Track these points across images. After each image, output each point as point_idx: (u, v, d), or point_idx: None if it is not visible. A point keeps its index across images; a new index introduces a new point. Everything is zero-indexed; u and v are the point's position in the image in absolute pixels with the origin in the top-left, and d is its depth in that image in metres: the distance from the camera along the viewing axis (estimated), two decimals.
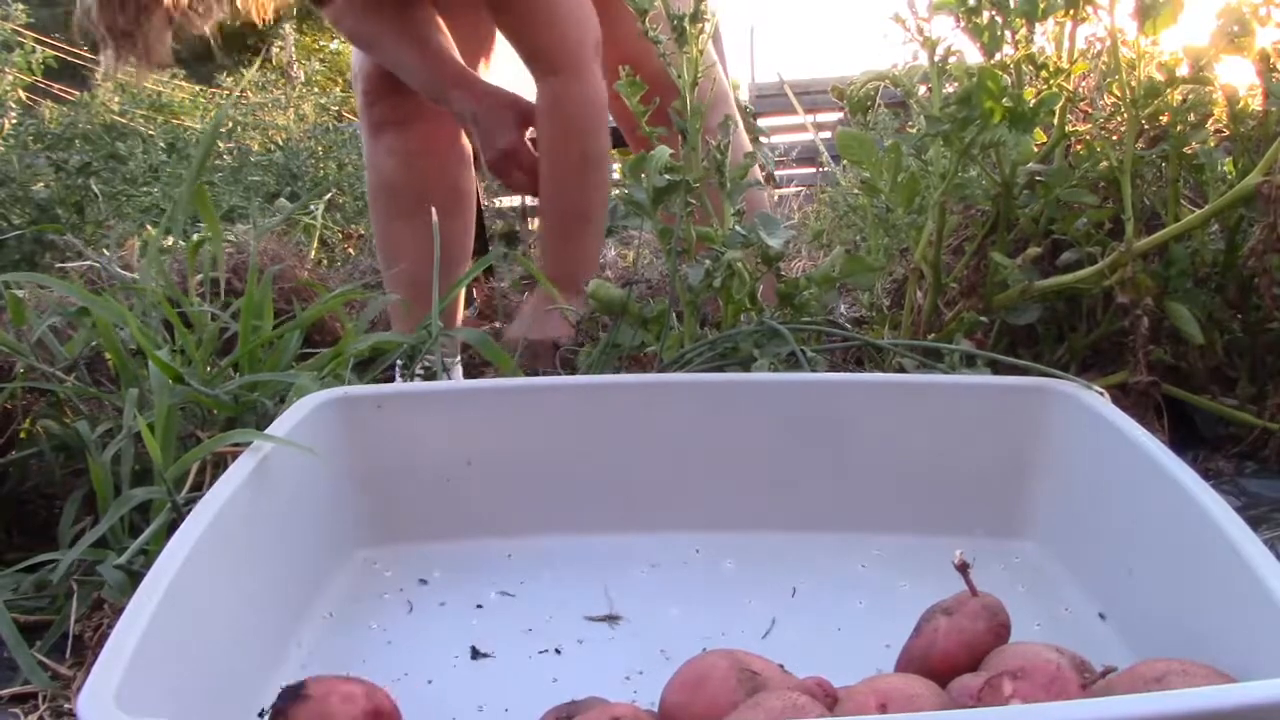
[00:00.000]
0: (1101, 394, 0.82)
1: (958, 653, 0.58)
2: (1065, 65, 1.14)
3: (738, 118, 1.62)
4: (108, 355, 0.98)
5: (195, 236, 1.25)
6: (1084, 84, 1.22)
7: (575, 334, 1.35)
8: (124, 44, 1.27)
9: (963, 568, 0.60)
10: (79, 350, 1.02)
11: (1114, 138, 1.16)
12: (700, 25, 1.13)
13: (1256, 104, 1.14)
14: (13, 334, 1.02)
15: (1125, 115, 1.13)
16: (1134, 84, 1.10)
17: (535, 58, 1.47)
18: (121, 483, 0.87)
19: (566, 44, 1.45)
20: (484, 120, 1.47)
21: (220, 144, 4.37)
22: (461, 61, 1.54)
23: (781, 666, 0.56)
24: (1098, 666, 0.55)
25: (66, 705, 0.74)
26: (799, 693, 0.51)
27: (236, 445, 0.78)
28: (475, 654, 0.71)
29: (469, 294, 1.91)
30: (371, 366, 1.13)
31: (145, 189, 3.42)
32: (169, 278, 1.09)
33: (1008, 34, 1.13)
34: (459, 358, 1.44)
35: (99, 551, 0.83)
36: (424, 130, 1.60)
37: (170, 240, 1.55)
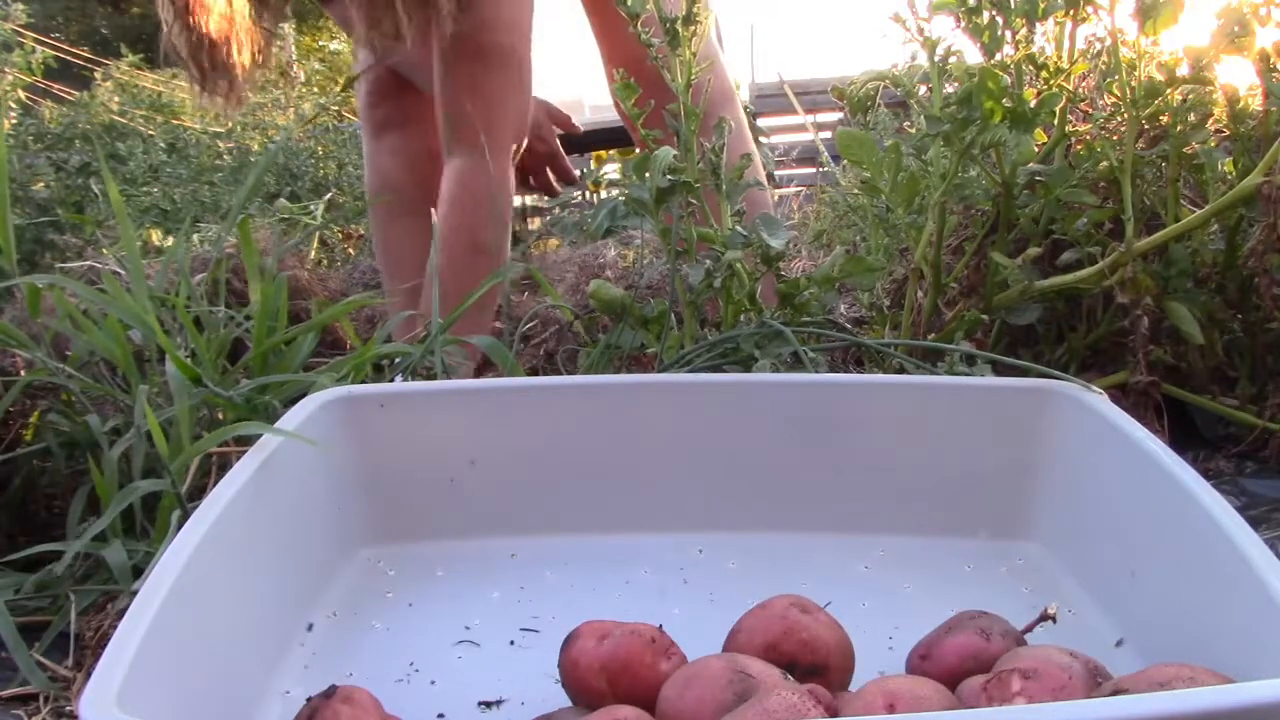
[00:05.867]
0: (1100, 394, 0.82)
1: None
2: (1065, 65, 1.14)
3: (742, 118, 1.62)
4: (116, 355, 0.98)
5: (218, 244, 1.25)
6: (1084, 84, 1.22)
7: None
8: (209, 80, 1.29)
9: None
10: (88, 349, 1.02)
11: (1114, 138, 1.16)
12: (693, 28, 1.13)
13: (1256, 104, 1.14)
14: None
15: (1125, 115, 1.13)
16: (1134, 84, 1.10)
17: (455, 127, 1.39)
18: (130, 481, 0.87)
19: (491, 126, 1.37)
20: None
21: (220, 144, 4.37)
22: None
23: (785, 674, 0.56)
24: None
25: (69, 706, 0.74)
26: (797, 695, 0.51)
27: (241, 442, 0.78)
28: (478, 654, 0.71)
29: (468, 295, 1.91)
30: (376, 371, 1.13)
31: (145, 189, 3.42)
32: (187, 278, 1.09)
33: (1008, 34, 1.13)
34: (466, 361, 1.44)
35: (104, 545, 0.83)
36: (427, 131, 1.60)
37: (170, 241, 1.56)
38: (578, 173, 1.84)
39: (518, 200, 2.99)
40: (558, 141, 1.74)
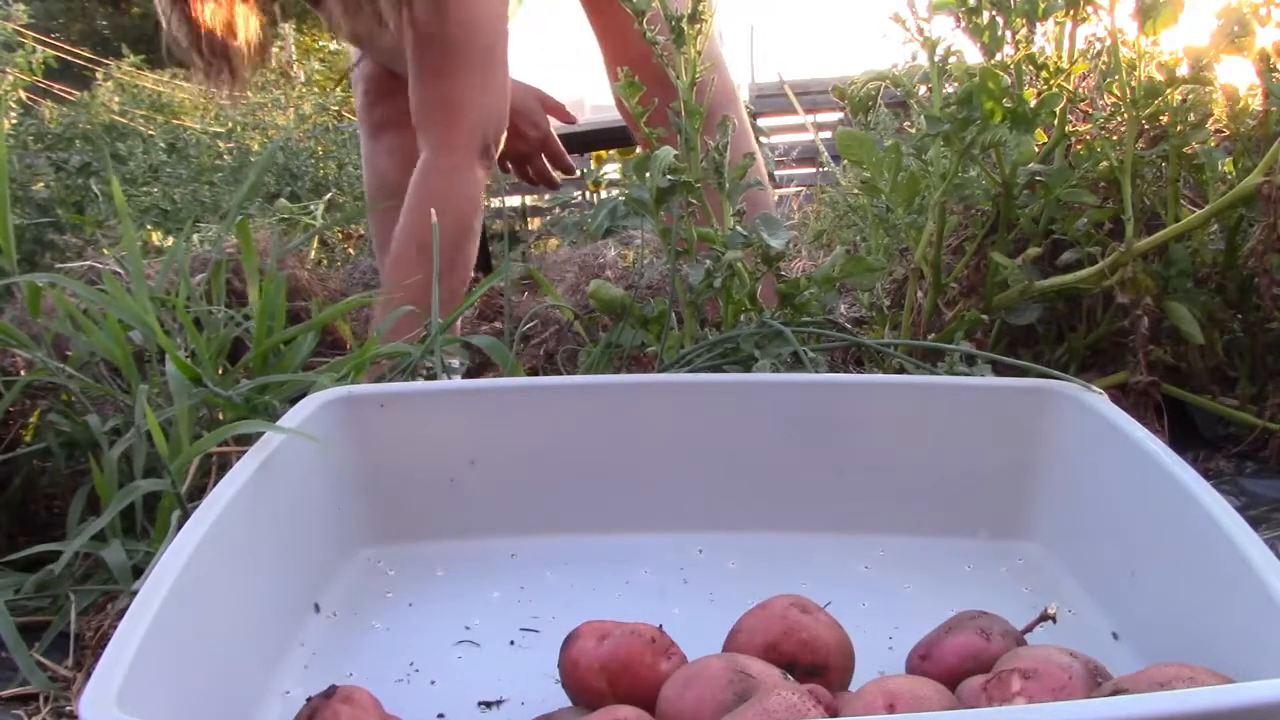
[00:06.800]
0: (1100, 394, 0.82)
1: None
2: (1065, 65, 1.14)
3: (745, 118, 1.62)
4: (116, 356, 0.98)
5: (218, 244, 1.25)
6: (1084, 84, 1.22)
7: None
8: (213, 68, 1.30)
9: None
10: (88, 349, 1.02)
11: (1114, 138, 1.16)
12: (698, 26, 1.13)
13: (1256, 104, 1.14)
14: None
15: (1125, 115, 1.13)
16: (1134, 84, 1.10)
17: (419, 123, 1.39)
18: (130, 481, 0.87)
19: (451, 123, 1.37)
20: (516, 110, 1.45)
21: (220, 144, 4.37)
22: None
23: (785, 674, 0.56)
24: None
25: (69, 706, 0.74)
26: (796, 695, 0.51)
27: (241, 442, 0.78)
28: (478, 654, 0.71)
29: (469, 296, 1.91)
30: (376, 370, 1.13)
31: (145, 189, 3.42)
32: (186, 278, 1.09)
33: (1008, 34, 1.13)
34: (465, 363, 1.44)
35: (103, 545, 0.83)
36: None
37: (170, 241, 1.57)
38: (578, 172, 1.83)
39: (516, 200, 3.00)
40: (550, 127, 1.72)
